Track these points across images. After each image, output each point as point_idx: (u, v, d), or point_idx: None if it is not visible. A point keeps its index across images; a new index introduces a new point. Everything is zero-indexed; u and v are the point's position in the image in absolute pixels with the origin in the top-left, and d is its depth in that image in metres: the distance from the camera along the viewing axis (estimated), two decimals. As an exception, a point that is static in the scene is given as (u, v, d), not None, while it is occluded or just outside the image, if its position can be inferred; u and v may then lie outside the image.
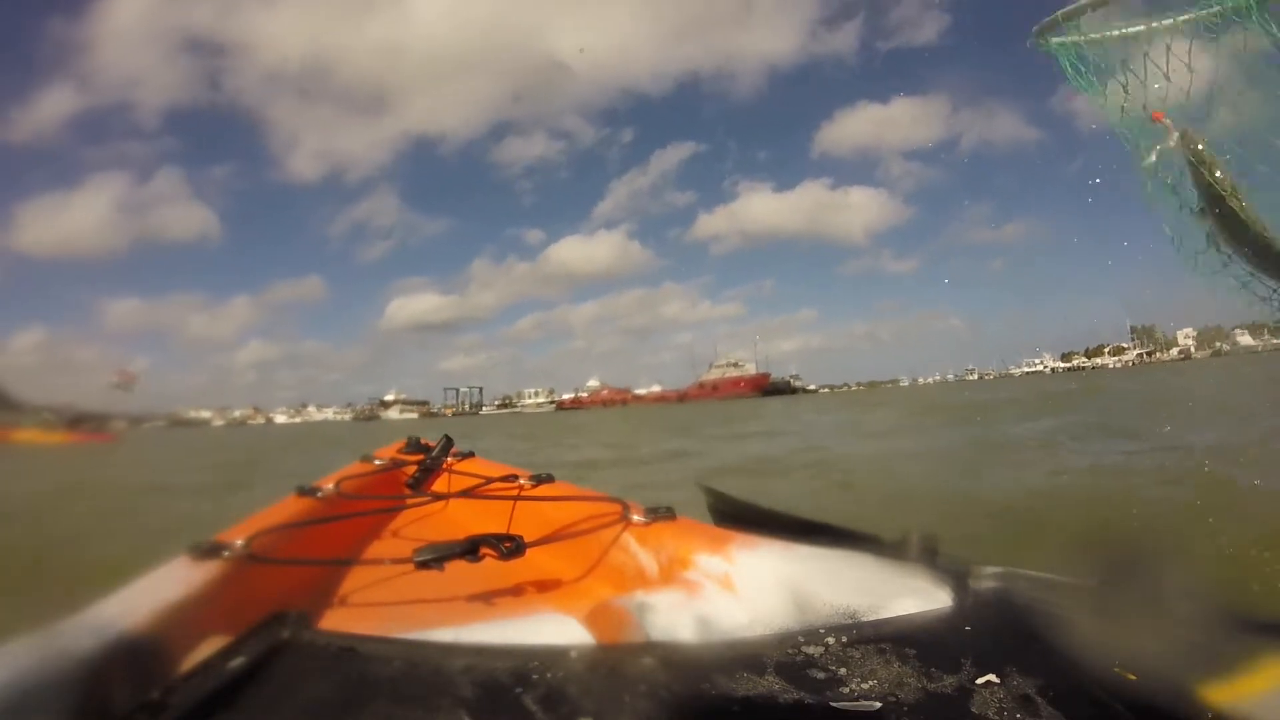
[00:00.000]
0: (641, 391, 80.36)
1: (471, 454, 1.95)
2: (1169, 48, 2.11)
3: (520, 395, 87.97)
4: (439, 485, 1.82)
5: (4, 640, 0.58)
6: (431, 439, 2.03)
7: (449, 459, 1.91)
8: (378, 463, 1.84)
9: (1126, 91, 2.18)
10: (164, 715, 0.55)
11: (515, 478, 1.52)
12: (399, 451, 1.99)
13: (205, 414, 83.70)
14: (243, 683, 0.61)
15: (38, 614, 0.62)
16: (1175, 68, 2.10)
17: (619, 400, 76.15)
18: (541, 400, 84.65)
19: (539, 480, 1.47)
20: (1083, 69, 2.29)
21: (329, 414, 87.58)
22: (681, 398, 73.41)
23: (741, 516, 1.16)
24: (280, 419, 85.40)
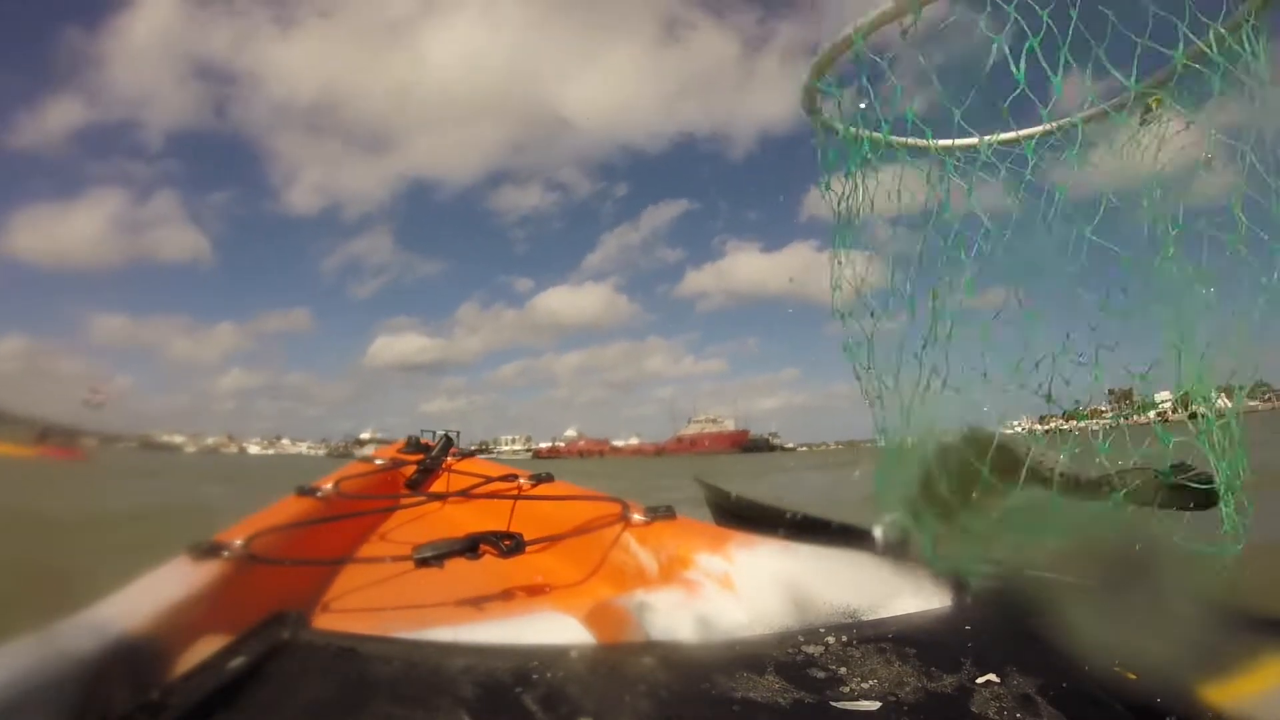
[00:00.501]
0: (619, 444, 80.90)
1: (471, 454, 1.95)
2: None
3: (497, 441, 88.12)
4: (438, 485, 1.81)
5: (4, 640, 0.58)
6: (421, 438, 2.02)
7: (448, 459, 1.90)
8: (378, 463, 1.84)
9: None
10: (164, 715, 0.55)
11: (515, 478, 1.51)
12: (399, 451, 1.99)
13: (178, 439, 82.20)
14: (243, 683, 0.61)
15: (38, 614, 0.62)
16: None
17: (596, 451, 76.42)
18: (518, 448, 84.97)
19: (538, 480, 1.47)
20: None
21: (303, 448, 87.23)
22: (659, 451, 73.88)
23: (741, 513, 1.16)
24: (254, 449, 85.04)
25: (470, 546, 0.96)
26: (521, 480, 1.48)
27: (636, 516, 1.15)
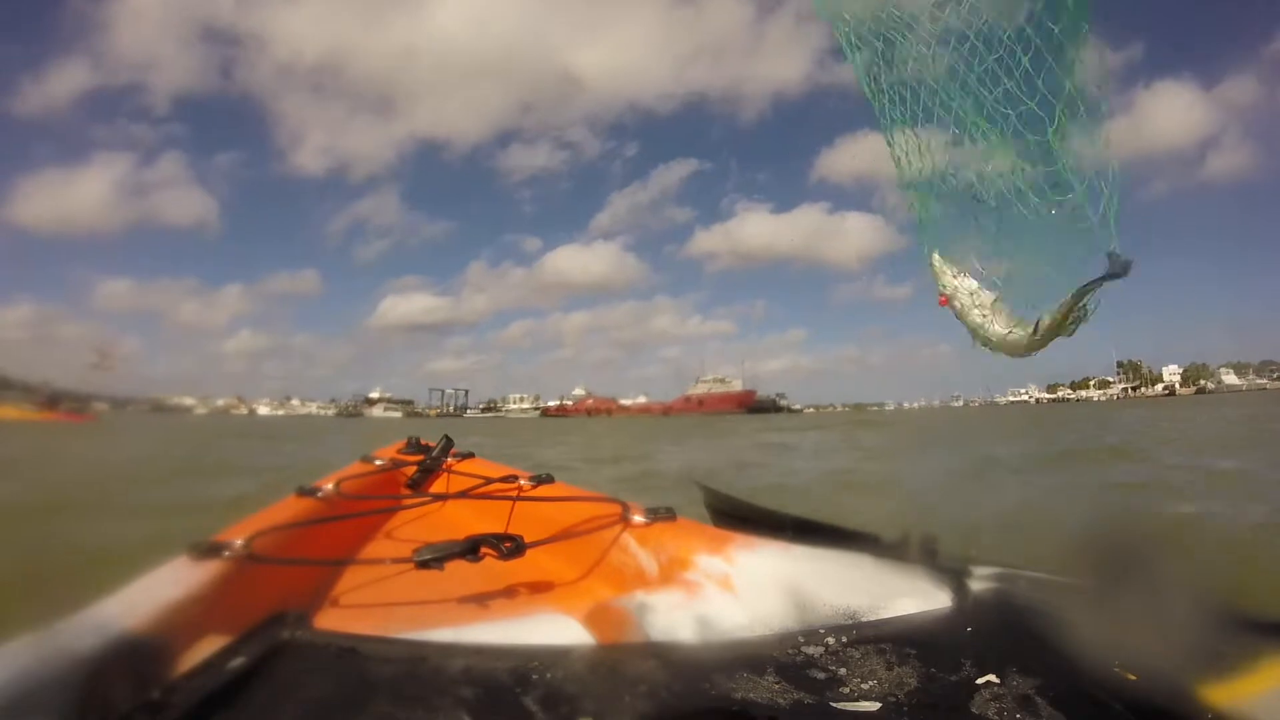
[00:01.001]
0: (627, 402, 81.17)
1: (471, 454, 1.95)
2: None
3: (505, 400, 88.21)
4: (439, 486, 1.81)
5: (4, 640, 0.58)
6: (421, 439, 2.03)
7: (449, 459, 1.91)
8: (378, 463, 1.84)
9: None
10: (164, 715, 0.55)
11: (515, 478, 1.51)
12: (399, 452, 1.99)
13: (188, 400, 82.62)
14: (243, 683, 0.61)
15: (38, 614, 0.62)
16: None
17: (604, 410, 76.27)
18: (526, 406, 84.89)
19: (539, 481, 1.47)
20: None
21: (313, 408, 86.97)
22: (666, 411, 73.90)
23: (739, 515, 1.16)
24: (263, 410, 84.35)
25: (471, 549, 0.96)
26: (521, 481, 1.49)
27: (636, 517, 1.15)
